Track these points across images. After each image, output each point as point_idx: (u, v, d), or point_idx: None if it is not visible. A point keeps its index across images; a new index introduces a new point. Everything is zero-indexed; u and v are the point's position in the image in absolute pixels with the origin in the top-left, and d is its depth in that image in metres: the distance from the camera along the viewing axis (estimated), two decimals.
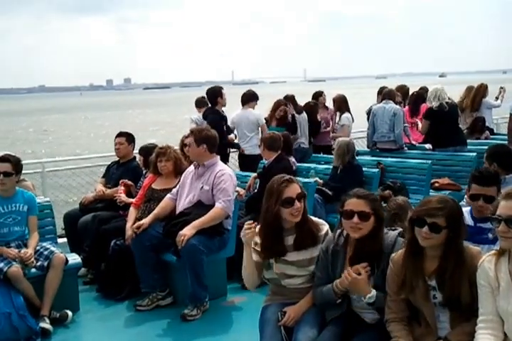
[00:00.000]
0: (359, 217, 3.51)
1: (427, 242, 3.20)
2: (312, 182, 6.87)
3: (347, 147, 7.54)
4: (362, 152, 9.65)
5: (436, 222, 3.15)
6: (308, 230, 3.88)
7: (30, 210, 5.60)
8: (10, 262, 5.18)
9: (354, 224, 3.52)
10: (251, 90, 9.83)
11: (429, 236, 3.17)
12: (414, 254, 3.28)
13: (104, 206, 6.78)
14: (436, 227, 3.15)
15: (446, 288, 3.19)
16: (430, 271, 3.27)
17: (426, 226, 3.16)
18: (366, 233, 3.54)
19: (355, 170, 7.50)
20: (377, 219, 3.57)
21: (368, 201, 3.57)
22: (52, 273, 5.32)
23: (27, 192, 5.75)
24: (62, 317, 5.37)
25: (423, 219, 3.18)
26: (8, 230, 5.49)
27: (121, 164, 7.23)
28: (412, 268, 3.27)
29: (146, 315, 5.56)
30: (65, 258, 5.42)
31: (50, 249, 5.45)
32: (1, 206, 5.46)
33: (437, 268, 3.24)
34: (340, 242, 3.71)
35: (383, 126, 9.30)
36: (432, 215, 3.17)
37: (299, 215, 3.85)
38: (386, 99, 9.51)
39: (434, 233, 3.16)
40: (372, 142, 9.58)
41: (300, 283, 3.93)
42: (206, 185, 5.70)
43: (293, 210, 3.81)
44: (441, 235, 3.17)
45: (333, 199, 6.97)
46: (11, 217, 5.49)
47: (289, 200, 3.81)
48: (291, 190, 3.84)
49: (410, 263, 3.28)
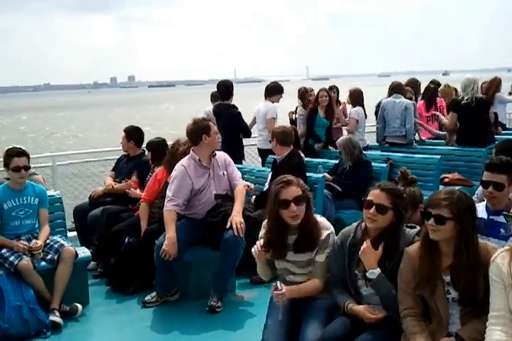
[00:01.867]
0: (376, 209, 3.53)
1: (435, 235, 3.20)
2: (321, 178, 6.81)
3: (350, 143, 7.44)
4: (370, 147, 9.55)
5: (440, 213, 3.16)
6: (309, 234, 3.88)
7: (40, 203, 5.62)
8: (20, 255, 5.21)
9: (371, 215, 3.54)
10: (275, 83, 9.69)
11: (435, 229, 3.17)
12: (429, 249, 3.27)
13: (113, 200, 6.79)
14: (440, 218, 3.15)
15: (461, 283, 3.18)
16: (445, 266, 3.26)
17: (432, 218, 3.17)
18: (382, 226, 3.55)
19: (365, 165, 7.41)
20: (397, 214, 3.57)
21: (390, 195, 3.57)
22: (63, 267, 5.34)
23: (38, 185, 5.77)
24: (72, 310, 5.38)
25: (428, 211, 3.20)
26: (19, 223, 5.52)
27: (130, 158, 7.23)
28: (427, 264, 3.26)
29: (155, 310, 5.58)
30: (75, 251, 5.44)
31: (60, 242, 5.47)
32: (13, 199, 5.49)
33: (452, 263, 3.23)
34: (358, 235, 3.71)
35: (394, 121, 9.15)
36: (436, 206, 3.18)
37: (297, 218, 3.84)
38: (396, 93, 9.34)
39: (439, 224, 3.16)
40: (382, 136, 9.45)
41: (303, 281, 3.94)
42: (224, 170, 5.80)
43: (289, 213, 3.82)
44: (448, 227, 3.16)
45: (343, 195, 6.95)
46: (22, 210, 5.52)
47: (285, 202, 3.81)
48: (288, 193, 3.84)
49: (425, 258, 3.27)
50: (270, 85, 9.50)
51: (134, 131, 7.24)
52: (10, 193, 5.51)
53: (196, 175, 5.71)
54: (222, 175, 5.79)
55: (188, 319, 5.36)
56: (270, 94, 9.31)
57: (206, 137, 5.72)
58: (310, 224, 3.89)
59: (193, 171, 5.71)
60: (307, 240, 3.87)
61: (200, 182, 5.71)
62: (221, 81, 9.07)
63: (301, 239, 3.89)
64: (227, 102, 8.73)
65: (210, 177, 5.75)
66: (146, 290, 5.79)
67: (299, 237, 3.89)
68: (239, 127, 8.60)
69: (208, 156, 5.79)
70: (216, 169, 5.79)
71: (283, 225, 3.90)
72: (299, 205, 3.84)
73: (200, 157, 5.75)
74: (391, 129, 9.25)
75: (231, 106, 8.69)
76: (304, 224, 3.88)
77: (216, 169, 5.79)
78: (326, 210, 6.81)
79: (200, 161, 5.74)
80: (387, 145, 9.39)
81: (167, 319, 5.42)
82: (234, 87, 8.83)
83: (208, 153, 5.79)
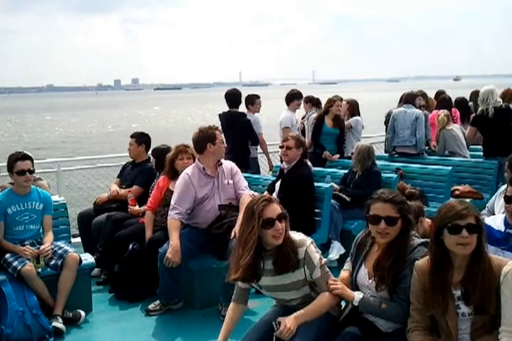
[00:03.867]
0: (386, 222, 3.45)
1: (468, 248, 3.11)
2: (328, 188, 6.71)
3: (367, 152, 7.31)
4: (379, 157, 9.37)
5: (470, 222, 3.08)
6: (288, 253, 3.64)
7: (45, 209, 5.59)
8: (24, 260, 5.18)
9: (381, 230, 3.46)
10: (294, 90, 9.74)
11: (468, 241, 3.08)
12: (441, 264, 3.21)
13: (118, 206, 6.76)
14: (472, 227, 3.08)
15: (475, 297, 3.11)
16: (456, 280, 3.20)
17: (464, 230, 3.07)
18: (394, 236, 3.48)
19: (374, 176, 7.29)
20: (405, 221, 3.50)
21: (395, 204, 3.49)
22: (66, 273, 5.31)
23: (43, 190, 5.75)
24: (75, 317, 5.35)
25: (457, 224, 3.09)
26: (23, 228, 5.49)
27: (136, 165, 7.20)
28: (438, 279, 3.19)
29: (158, 318, 5.53)
30: (78, 257, 5.41)
31: (64, 248, 5.45)
32: (17, 204, 5.47)
33: (464, 277, 3.17)
34: (368, 238, 3.67)
35: (404, 131, 9.09)
36: (463, 216, 3.10)
37: (280, 237, 3.62)
38: (406, 103, 9.30)
39: (472, 234, 3.08)
40: (392, 147, 9.38)
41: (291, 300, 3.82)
42: (230, 179, 5.75)
43: (274, 231, 3.59)
44: (475, 237, 3.09)
45: (351, 205, 6.89)
46: (27, 215, 5.49)
47: (270, 221, 3.59)
48: (272, 211, 3.63)
49: (436, 274, 3.20)
50: (288, 93, 9.60)
51: (144, 135, 7.24)
52: (14, 198, 5.48)
53: (200, 184, 5.66)
54: (227, 184, 5.75)
55: (191, 328, 5.32)
56: (288, 102, 9.46)
57: (211, 146, 5.68)
58: (287, 244, 3.65)
59: (197, 180, 5.66)
60: (286, 259, 3.64)
61: (204, 191, 5.66)
62: (229, 90, 9.05)
63: (279, 259, 3.65)
64: (236, 110, 8.72)
65: (215, 187, 5.71)
66: (149, 298, 5.74)
67: (277, 257, 3.65)
68: (247, 135, 8.59)
69: (213, 165, 5.74)
70: (221, 178, 5.74)
71: (259, 248, 3.65)
72: (281, 223, 3.64)
73: (204, 165, 5.71)
74: (401, 139, 9.17)
75: (240, 114, 8.70)
76: (280, 245, 3.65)
77: (221, 178, 5.74)
78: (333, 220, 6.76)
79: (204, 170, 5.69)
80: (397, 155, 9.31)
81: (170, 327, 5.37)
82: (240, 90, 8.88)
83: (213, 161, 5.74)
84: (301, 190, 6.23)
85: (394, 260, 3.46)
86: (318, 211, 6.53)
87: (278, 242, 3.62)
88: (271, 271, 3.71)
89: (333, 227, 6.76)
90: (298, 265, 3.66)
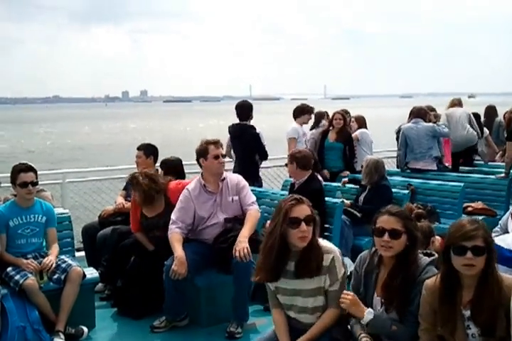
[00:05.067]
0: (390, 235, 3.40)
1: (472, 270, 3.05)
2: (339, 203, 6.59)
3: (375, 166, 7.22)
4: (391, 172, 9.34)
5: (476, 244, 3.02)
6: (313, 258, 3.62)
7: (48, 222, 5.47)
8: (26, 274, 5.05)
9: (385, 243, 3.41)
10: (303, 104, 9.71)
11: (473, 262, 3.02)
12: (450, 284, 3.14)
13: (123, 219, 6.59)
14: (478, 250, 3.02)
15: (482, 319, 3.04)
16: (465, 300, 3.13)
17: (469, 251, 3.01)
18: (398, 252, 3.43)
19: (383, 190, 7.19)
20: (410, 238, 3.45)
21: (400, 218, 3.45)
22: (69, 287, 5.16)
23: (46, 203, 5.63)
24: (77, 333, 5.20)
25: (462, 245, 3.04)
26: (25, 241, 5.37)
27: None
28: (447, 298, 3.13)
29: (163, 335, 5.36)
30: (82, 272, 5.27)
31: (67, 262, 5.31)
32: (20, 216, 5.34)
33: (473, 297, 3.10)
34: (374, 262, 3.59)
35: (420, 146, 9.01)
36: (471, 238, 3.03)
37: (305, 240, 3.59)
38: (415, 118, 9.23)
39: (477, 256, 3.02)
40: (404, 163, 9.29)
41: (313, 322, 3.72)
42: (234, 195, 5.55)
43: (299, 232, 3.56)
44: (483, 259, 3.04)
45: (362, 221, 6.75)
46: (29, 228, 5.37)
47: (295, 220, 3.57)
48: (300, 211, 3.62)
49: (445, 293, 3.14)
50: (298, 106, 9.57)
51: (151, 147, 7.13)
52: (16, 210, 5.36)
53: (200, 201, 5.54)
54: (230, 202, 5.55)
55: None
56: (296, 116, 9.41)
57: (204, 161, 5.58)
58: (313, 248, 3.64)
59: (197, 196, 5.55)
60: (309, 264, 3.62)
61: (205, 208, 5.53)
62: (240, 101, 8.95)
63: (302, 263, 3.63)
64: (246, 123, 8.59)
65: (216, 204, 5.55)
66: (154, 315, 5.56)
67: (300, 261, 3.63)
68: (256, 148, 8.45)
69: (213, 181, 5.58)
70: (225, 195, 5.56)
71: (284, 248, 3.64)
72: (308, 226, 3.60)
73: (205, 182, 5.58)
74: (418, 155, 9.07)
75: (249, 126, 8.57)
76: (307, 248, 3.62)
77: (225, 195, 5.56)
78: (344, 236, 6.65)
79: (205, 187, 5.57)
80: (409, 171, 9.21)
81: None
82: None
83: (212, 177, 5.59)
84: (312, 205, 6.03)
85: (402, 280, 3.40)
86: (329, 226, 6.42)
87: (303, 244, 3.59)
88: (292, 274, 3.67)
89: (344, 243, 6.64)
90: (320, 271, 3.63)
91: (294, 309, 3.79)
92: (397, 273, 3.43)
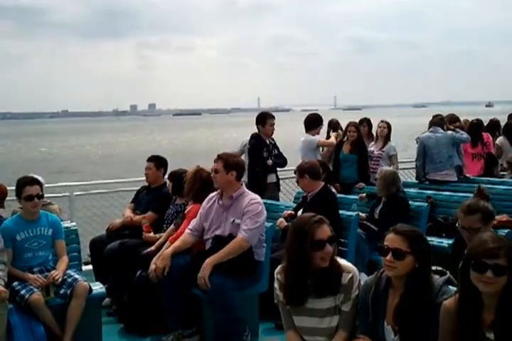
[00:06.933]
0: (393, 255, 3.25)
1: (491, 287, 2.85)
2: (354, 216, 6.39)
3: (392, 177, 7.08)
4: (409, 184, 9.14)
5: (498, 263, 2.83)
6: (332, 276, 3.55)
7: (55, 234, 5.41)
8: (32, 289, 4.96)
9: (388, 262, 3.27)
10: (315, 114, 9.55)
11: (493, 281, 2.83)
12: (471, 304, 2.93)
13: (131, 232, 6.51)
14: (500, 269, 2.83)
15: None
16: (488, 322, 2.91)
17: (489, 270, 2.82)
18: (402, 273, 3.27)
19: (400, 203, 7.01)
20: (419, 259, 3.26)
21: (406, 238, 3.27)
22: (75, 303, 5.05)
23: (51, 215, 5.56)
24: None
25: (483, 262, 2.84)
26: (32, 255, 5.29)
27: (151, 190, 7.00)
28: (469, 321, 2.91)
29: None
30: (89, 286, 5.16)
31: (74, 277, 5.20)
32: (26, 230, 5.27)
33: (496, 318, 2.89)
34: (381, 287, 3.41)
35: (440, 155, 8.86)
36: (493, 256, 2.84)
37: (328, 259, 3.53)
38: (434, 127, 9.09)
39: (498, 276, 2.83)
40: (423, 173, 9.09)
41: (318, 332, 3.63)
42: (237, 218, 5.32)
43: (323, 254, 3.49)
44: (504, 278, 2.84)
45: (379, 235, 6.57)
46: (35, 242, 5.30)
47: (321, 243, 3.48)
48: (323, 232, 3.52)
49: (466, 314, 2.93)
50: (308, 118, 9.37)
51: (161, 159, 7.06)
52: (23, 224, 5.30)
53: (209, 208, 5.50)
54: (230, 223, 5.36)
55: None
56: (309, 128, 9.21)
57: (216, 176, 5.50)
58: (333, 266, 3.56)
59: (209, 203, 5.51)
60: (329, 282, 3.54)
61: (209, 217, 5.47)
62: (260, 113, 8.89)
63: (322, 282, 3.55)
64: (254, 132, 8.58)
65: (219, 217, 5.43)
66: (162, 332, 5.39)
67: (320, 280, 3.55)
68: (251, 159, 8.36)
69: (225, 195, 5.46)
70: (230, 214, 5.39)
71: (305, 268, 3.54)
72: (332, 245, 3.53)
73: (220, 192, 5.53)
74: (438, 165, 8.90)
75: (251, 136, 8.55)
76: (326, 266, 3.55)
77: (230, 214, 5.39)
78: (360, 251, 6.44)
79: (220, 197, 5.49)
80: (428, 182, 8.99)
81: None
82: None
83: (222, 190, 5.48)
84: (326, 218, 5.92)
85: (416, 305, 3.22)
86: (344, 241, 6.17)
87: (325, 264, 3.52)
88: (311, 293, 3.58)
89: (360, 258, 6.40)
90: (338, 290, 3.55)
91: (310, 331, 3.68)
92: (409, 299, 3.25)
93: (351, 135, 8.98)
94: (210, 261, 5.06)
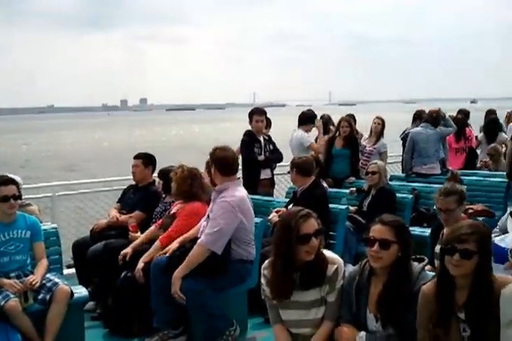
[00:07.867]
0: (380, 245, 3.33)
1: (458, 270, 3.05)
2: (343, 209, 6.45)
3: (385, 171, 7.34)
4: (395, 177, 9.41)
5: (467, 247, 3.03)
6: (317, 268, 3.59)
7: (34, 236, 5.19)
8: (8, 295, 4.72)
9: (374, 253, 3.35)
10: (310, 111, 9.61)
11: (459, 264, 3.03)
12: (446, 285, 3.13)
13: (117, 233, 6.27)
14: (467, 253, 3.03)
15: (474, 319, 3.04)
16: (460, 302, 3.10)
17: (457, 254, 3.03)
18: (387, 263, 3.37)
19: (388, 195, 7.20)
20: (403, 248, 3.37)
21: (392, 228, 3.37)
22: (55, 308, 4.83)
23: (30, 216, 5.33)
24: None
25: (453, 246, 3.05)
26: (8, 259, 5.06)
27: (138, 188, 6.77)
28: (444, 301, 3.11)
29: None
30: (69, 290, 4.93)
31: (53, 281, 4.97)
32: (2, 233, 5.05)
33: (467, 299, 3.08)
34: (365, 277, 3.51)
35: (428, 150, 9.09)
36: (463, 241, 3.04)
37: (313, 253, 3.55)
38: (425, 123, 9.29)
39: (465, 259, 3.03)
40: (410, 167, 9.29)
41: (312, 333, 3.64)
42: (212, 214, 5.12)
43: (308, 248, 3.52)
44: (472, 262, 3.04)
45: (367, 227, 6.52)
46: (12, 245, 5.07)
47: (306, 237, 3.51)
48: (309, 226, 3.54)
49: (442, 296, 3.12)
50: (302, 113, 9.41)
51: (150, 156, 6.82)
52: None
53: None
54: (207, 217, 5.18)
55: None
56: (302, 123, 9.28)
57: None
58: (319, 259, 3.59)
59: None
60: (314, 274, 3.58)
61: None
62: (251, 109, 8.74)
63: (307, 274, 3.58)
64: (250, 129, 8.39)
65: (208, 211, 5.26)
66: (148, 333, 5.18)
67: (305, 272, 3.58)
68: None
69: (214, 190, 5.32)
70: (211, 211, 5.17)
71: (291, 262, 3.57)
72: (317, 239, 3.55)
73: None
74: (425, 159, 9.12)
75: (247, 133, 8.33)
76: (311, 259, 3.57)
77: (211, 211, 5.17)
78: (347, 243, 6.48)
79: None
80: (414, 175, 9.20)
81: None
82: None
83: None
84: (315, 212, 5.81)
85: (397, 294, 3.34)
86: (333, 233, 6.25)
87: (310, 258, 3.55)
88: (297, 286, 3.62)
89: (347, 250, 6.50)
90: (323, 281, 3.59)
91: (297, 324, 3.70)
92: (392, 288, 3.35)
93: (344, 130, 9.00)
94: (177, 275, 4.91)
